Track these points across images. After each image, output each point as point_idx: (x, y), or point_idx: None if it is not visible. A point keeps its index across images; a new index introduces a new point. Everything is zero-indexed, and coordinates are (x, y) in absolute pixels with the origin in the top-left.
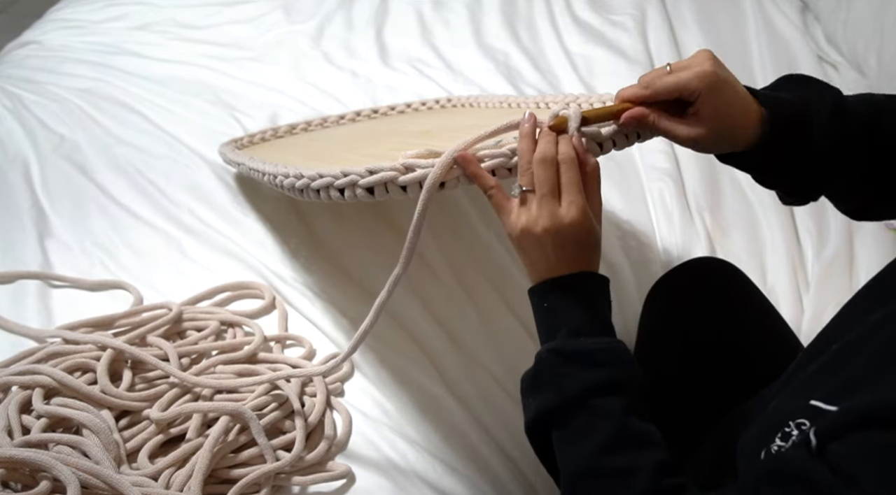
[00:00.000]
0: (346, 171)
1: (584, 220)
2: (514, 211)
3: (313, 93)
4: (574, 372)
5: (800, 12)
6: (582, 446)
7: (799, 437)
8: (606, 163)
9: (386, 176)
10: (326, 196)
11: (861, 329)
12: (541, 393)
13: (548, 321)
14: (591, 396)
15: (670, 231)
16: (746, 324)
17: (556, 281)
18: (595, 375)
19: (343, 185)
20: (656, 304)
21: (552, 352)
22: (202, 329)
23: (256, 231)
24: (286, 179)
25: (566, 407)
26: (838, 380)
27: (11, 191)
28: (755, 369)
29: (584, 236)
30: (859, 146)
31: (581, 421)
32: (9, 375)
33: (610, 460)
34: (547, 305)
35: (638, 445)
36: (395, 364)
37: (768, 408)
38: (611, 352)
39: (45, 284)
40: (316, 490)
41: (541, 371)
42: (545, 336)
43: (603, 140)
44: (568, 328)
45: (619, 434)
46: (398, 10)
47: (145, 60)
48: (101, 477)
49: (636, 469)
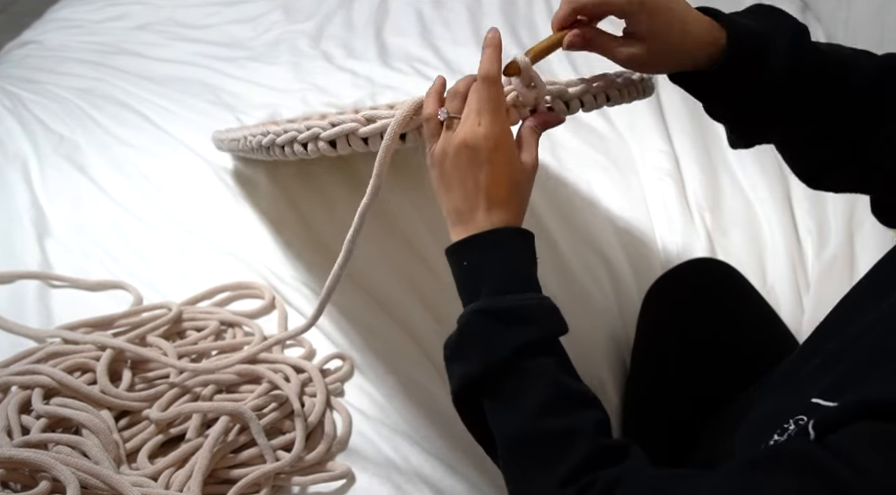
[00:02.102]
0: (309, 125)
1: (501, 138)
2: (440, 137)
3: (313, 93)
4: (500, 331)
5: (800, 12)
6: (516, 411)
7: (795, 431)
8: (607, 164)
9: (347, 127)
10: (291, 151)
11: (860, 324)
12: (466, 358)
13: (469, 281)
14: (520, 357)
15: (670, 231)
16: (744, 324)
17: (475, 237)
18: (524, 333)
19: (306, 139)
20: (655, 304)
21: (476, 313)
22: (202, 329)
23: (256, 231)
24: (254, 138)
25: (495, 371)
26: (834, 377)
27: (11, 190)
28: (753, 369)
29: (501, 157)
30: (817, 89)
31: (512, 385)
32: (8, 375)
33: (547, 423)
34: (467, 264)
35: (575, 405)
36: (394, 363)
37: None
38: (538, 308)
39: (44, 284)
40: (316, 490)
41: (464, 334)
42: (467, 297)
43: (570, 98)
44: (491, 286)
45: (555, 394)
46: (398, 9)
47: (145, 60)
48: (101, 478)
49: (577, 429)
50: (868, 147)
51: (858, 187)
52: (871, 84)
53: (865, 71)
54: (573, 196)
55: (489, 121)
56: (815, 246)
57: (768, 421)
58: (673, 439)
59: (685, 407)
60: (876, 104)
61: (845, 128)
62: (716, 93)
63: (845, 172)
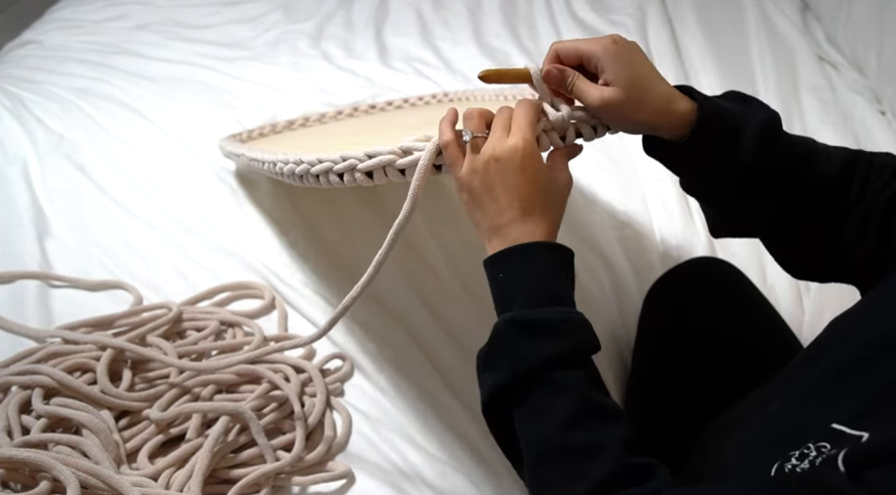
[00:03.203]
0: (345, 156)
1: (528, 148)
2: (465, 159)
3: (313, 93)
4: (531, 343)
5: (800, 12)
6: (543, 423)
7: (820, 460)
8: (607, 164)
9: (384, 159)
10: (326, 181)
11: (868, 337)
12: (497, 368)
13: (504, 292)
14: (550, 369)
15: (670, 231)
16: (746, 323)
17: (511, 250)
18: (553, 346)
19: (342, 170)
20: (656, 304)
21: (508, 323)
22: (202, 329)
23: (256, 231)
24: (286, 166)
25: (524, 381)
26: (858, 402)
27: (11, 190)
28: (754, 369)
29: (531, 165)
30: (786, 171)
31: (541, 397)
32: (9, 375)
33: (574, 437)
34: (503, 275)
35: (602, 420)
36: (394, 364)
37: (770, 411)
38: (569, 322)
39: (44, 284)
40: (316, 490)
41: (496, 344)
42: (501, 307)
43: (597, 123)
44: (525, 298)
45: (583, 408)
46: (398, 9)
47: (145, 60)
48: (101, 478)
49: (602, 445)
50: (836, 239)
51: (837, 278)
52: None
53: (834, 165)
54: (573, 196)
55: (517, 132)
56: None
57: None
58: (673, 439)
59: (686, 407)
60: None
61: (812, 216)
62: (688, 164)
63: (820, 263)
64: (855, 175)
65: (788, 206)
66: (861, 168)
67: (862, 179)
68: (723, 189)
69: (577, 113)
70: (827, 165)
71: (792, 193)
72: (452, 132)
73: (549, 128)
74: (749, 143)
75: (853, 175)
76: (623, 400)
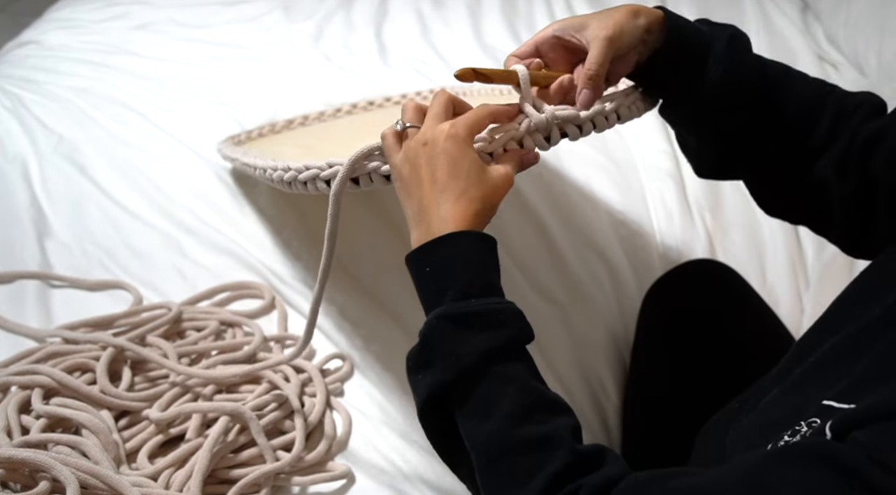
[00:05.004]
0: (331, 163)
1: (453, 131)
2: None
3: (313, 92)
4: (467, 337)
5: (800, 12)
6: (489, 420)
7: (809, 432)
8: (607, 164)
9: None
10: (314, 188)
11: (860, 324)
12: (432, 367)
13: (431, 286)
14: (490, 363)
15: (670, 231)
16: (743, 325)
17: (437, 241)
18: (491, 338)
19: (328, 177)
20: (656, 304)
21: (441, 319)
22: (202, 329)
23: (256, 231)
24: (275, 173)
25: (464, 378)
26: (847, 380)
27: (11, 190)
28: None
29: (456, 147)
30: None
31: (483, 392)
32: (8, 375)
33: (523, 431)
34: (430, 269)
35: (549, 411)
36: (394, 364)
37: (764, 402)
38: (504, 312)
39: (44, 284)
40: (316, 490)
41: (429, 342)
42: (430, 304)
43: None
44: (454, 290)
45: (529, 401)
46: (398, 9)
47: (144, 60)
48: (101, 478)
49: (552, 437)
50: (812, 175)
51: (812, 219)
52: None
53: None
54: (573, 195)
55: (449, 123)
56: (815, 246)
57: (773, 424)
58: (673, 439)
59: (685, 407)
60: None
61: (784, 145)
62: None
63: (796, 199)
64: (828, 105)
65: (760, 128)
66: (835, 100)
67: (835, 111)
68: (695, 104)
69: (560, 113)
70: (801, 89)
71: (762, 111)
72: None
73: (532, 130)
74: (718, 54)
75: (826, 104)
76: (623, 400)
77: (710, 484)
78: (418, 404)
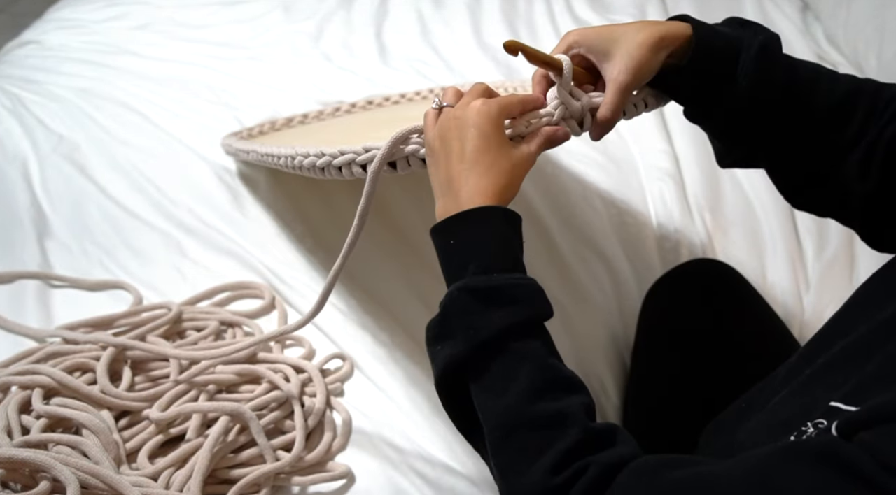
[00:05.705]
0: (367, 147)
1: (485, 109)
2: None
3: (313, 92)
4: (488, 311)
5: (800, 12)
6: (504, 395)
7: (815, 433)
8: (607, 163)
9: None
10: (349, 173)
11: (870, 325)
12: (452, 339)
13: (454, 259)
14: (509, 338)
15: (670, 231)
16: (744, 325)
17: (463, 214)
18: (511, 314)
19: (365, 161)
20: (656, 304)
21: (462, 291)
22: (202, 329)
23: (256, 231)
24: (306, 159)
25: (482, 351)
26: (855, 382)
27: (11, 190)
28: (754, 369)
29: (487, 122)
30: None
31: (500, 366)
32: (8, 375)
33: (538, 408)
34: (454, 242)
35: (564, 389)
36: (394, 363)
37: (772, 403)
38: (526, 288)
39: (44, 284)
40: (316, 490)
41: (450, 313)
42: (452, 276)
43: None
44: (477, 264)
45: (545, 378)
46: (398, 9)
47: (145, 60)
48: (101, 478)
49: (567, 414)
50: (839, 172)
51: (837, 213)
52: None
53: (839, 90)
54: (573, 195)
55: (482, 100)
56: (815, 246)
57: (782, 424)
58: (673, 439)
59: (685, 407)
60: (841, 127)
61: (813, 145)
62: (688, 90)
63: (821, 194)
64: (860, 103)
65: (790, 131)
66: (866, 98)
67: (867, 109)
68: (724, 114)
69: (595, 100)
70: (831, 91)
71: (793, 116)
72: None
73: (568, 117)
74: (747, 64)
75: (857, 102)
76: (623, 400)
77: (717, 476)
78: (436, 375)
